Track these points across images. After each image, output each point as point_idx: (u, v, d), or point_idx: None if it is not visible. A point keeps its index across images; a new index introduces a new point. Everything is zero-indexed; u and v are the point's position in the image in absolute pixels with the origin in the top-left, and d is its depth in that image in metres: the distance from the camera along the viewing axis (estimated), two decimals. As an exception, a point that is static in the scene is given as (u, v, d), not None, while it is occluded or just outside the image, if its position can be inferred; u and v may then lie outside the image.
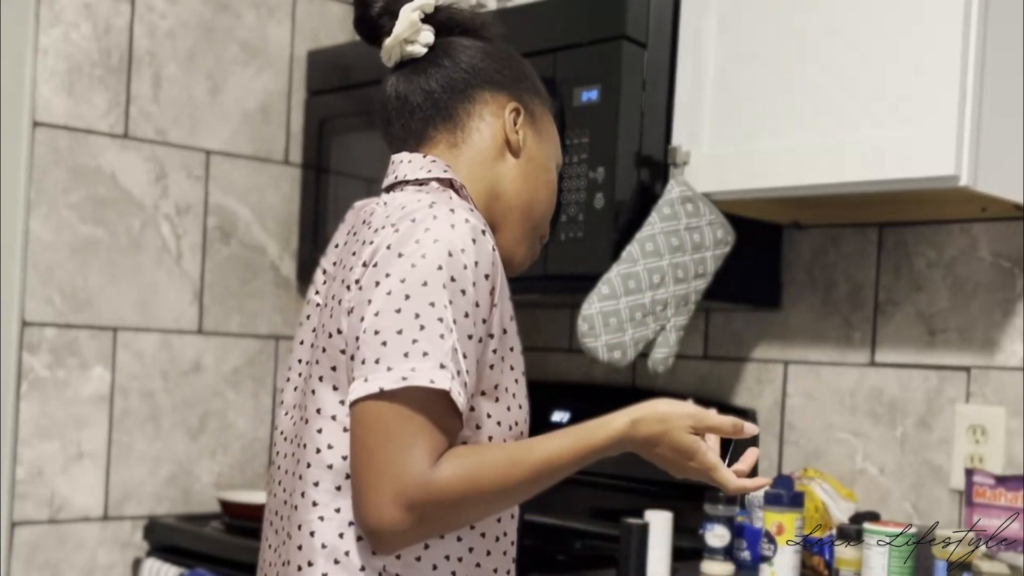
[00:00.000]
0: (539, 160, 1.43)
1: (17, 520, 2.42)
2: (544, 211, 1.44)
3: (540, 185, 1.43)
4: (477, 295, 1.22)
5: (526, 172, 1.42)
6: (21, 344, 2.41)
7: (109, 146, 2.52)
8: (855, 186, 1.89)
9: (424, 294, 1.18)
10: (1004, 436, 2.06)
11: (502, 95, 1.41)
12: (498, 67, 1.42)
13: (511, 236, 1.42)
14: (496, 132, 1.40)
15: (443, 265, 1.19)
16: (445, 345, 1.17)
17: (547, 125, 1.47)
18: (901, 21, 1.85)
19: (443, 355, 1.17)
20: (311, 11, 2.84)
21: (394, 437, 1.16)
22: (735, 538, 2.14)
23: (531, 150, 1.42)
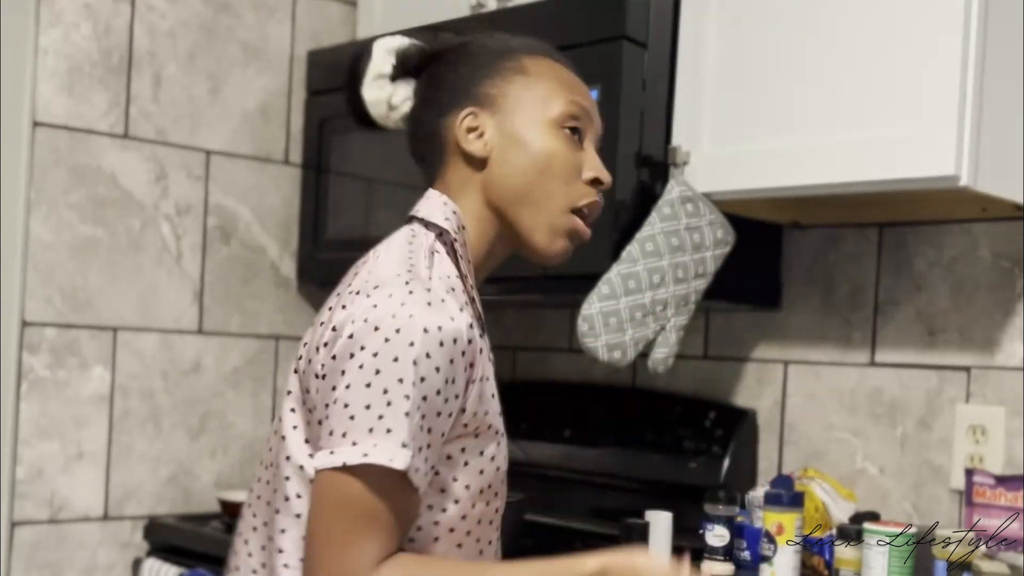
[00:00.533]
0: (515, 140, 1.34)
1: (17, 520, 2.42)
2: (543, 183, 1.34)
3: (525, 164, 1.33)
4: (453, 372, 1.22)
5: (505, 164, 1.34)
6: (21, 344, 2.41)
7: (109, 146, 2.52)
8: (855, 186, 1.89)
9: (394, 370, 1.19)
10: (1004, 436, 2.06)
11: (455, 112, 1.36)
12: (450, 86, 1.37)
13: (525, 231, 1.35)
14: (463, 150, 1.36)
15: (415, 341, 1.19)
16: (409, 424, 1.18)
17: (520, 91, 1.35)
18: (901, 21, 1.85)
19: (407, 434, 1.18)
20: (311, 11, 2.84)
21: (347, 520, 1.18)
22: (735, 538, 2.14)
23: (499, 139, 1.34)
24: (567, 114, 1.35)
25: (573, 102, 1.36)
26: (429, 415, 1.20)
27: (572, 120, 1.35)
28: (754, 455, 2.38)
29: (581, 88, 1.39)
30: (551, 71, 1.37)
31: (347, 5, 2.89)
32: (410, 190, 2.44)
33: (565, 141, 1.34)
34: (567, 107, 1.35)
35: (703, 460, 2.32)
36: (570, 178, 1.34)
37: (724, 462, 2.30)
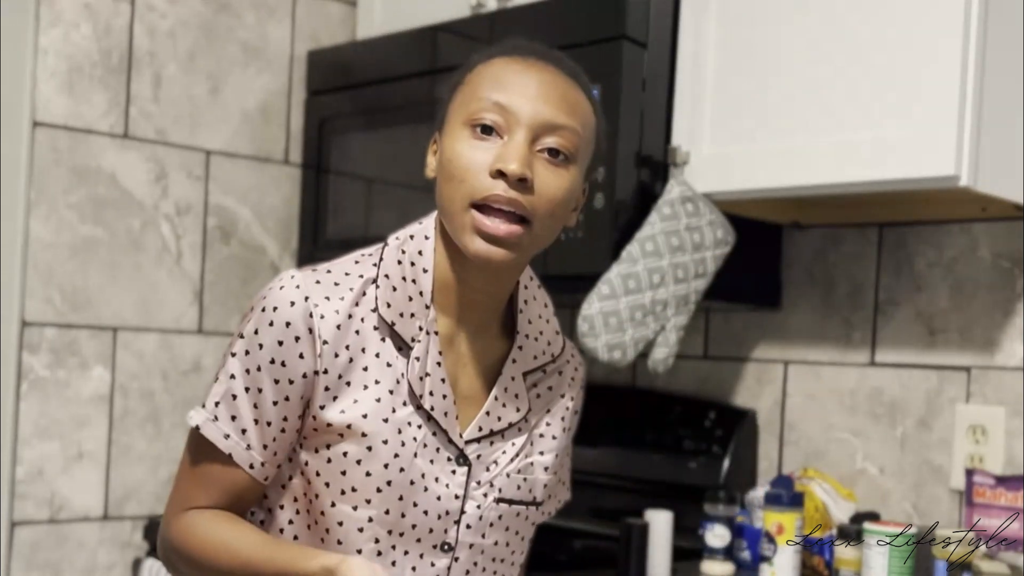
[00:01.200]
0: (443, 154, 1.29)
1: (17, 520, 2.42)
2: (446, 188, 1.27)
3: (442, 173, 1.28)
4: (282, 354, 1.27)
5: (438, 182, 1.30)
6: (21, 344, 2.41)
7: (109, 146, 2.52)
8: (855, 186, 1.89)
9: (235, 344, 1.30)
10: (1004, 436, 2.06)
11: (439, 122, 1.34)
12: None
13: (454, 241, 1.29)
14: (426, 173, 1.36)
15: (251, 320, 1.29)
16: (219, 389, 1.30)
17: (453, 107, 1.30)
18: (901, 21, 1.85)
19: (209, 397, 1.31)
20: (311, 11, 2.84)
21: (181, 467, 1.38)
22: (735, 538, 2.14)
23: (439, 158, 1.31)
24: (474, 112, 1.26)
25: (485, 99, 1.25)
26: (251, 389, 1.28)
27: (479, 117, 1.25)
28: (754, 455, 2.38)
29: (509, 81, 1.27)
30: (486, 74, 1.28)
31: (347, 5, 2.89)
32: (410, 190, 2.44)
33: (469, 140, 1.25)
34: (476, 105, 1.26)
35: (703, 460, 2.32)
36: (468, 176, 1.24)
37: (724, 462, 2.30)
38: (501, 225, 1.24)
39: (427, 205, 1.36)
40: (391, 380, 1.29)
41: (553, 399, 1.42)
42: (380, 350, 1.29)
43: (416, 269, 1.31)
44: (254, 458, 1.30)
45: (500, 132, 1.25)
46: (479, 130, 1.25)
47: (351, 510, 1.29)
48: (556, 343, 1.43)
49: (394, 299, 1.30)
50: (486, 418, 1.34)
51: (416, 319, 1.30)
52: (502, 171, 1.23)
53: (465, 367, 1.34)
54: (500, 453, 1.35)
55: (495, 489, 1.34)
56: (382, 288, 1.30)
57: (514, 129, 1.25)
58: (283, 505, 1.33)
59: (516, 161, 1.23)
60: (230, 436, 1.29)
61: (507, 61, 1.29)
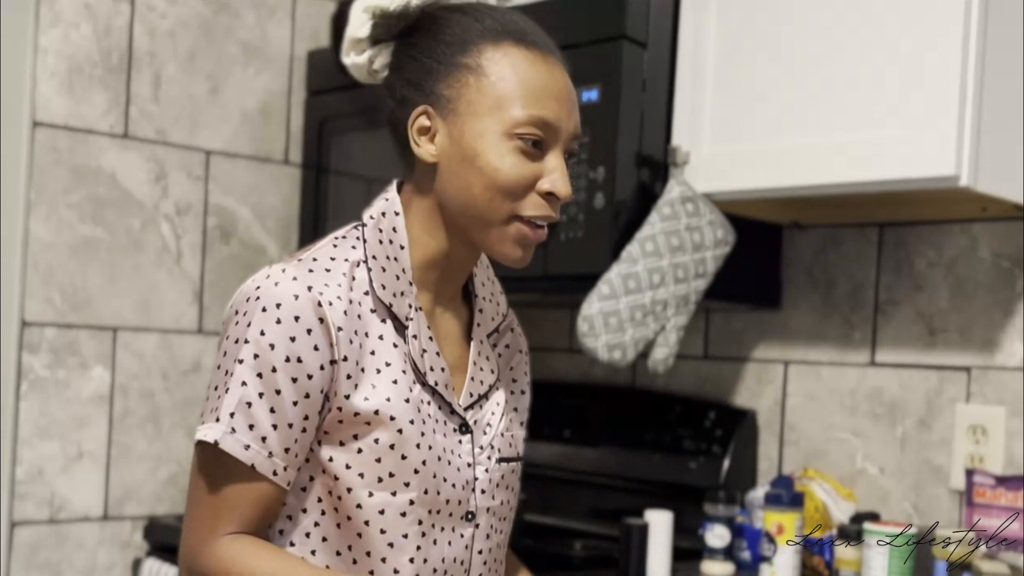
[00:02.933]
0: (464, 150, 1.27)
1: (17, 520, 2.42)
2: (488, 198, 1.26)
3: (470, 176, 1.27)
4: (296, 350, 1.24)
5: (452, 175, 1.28)
6: (21, 344, 2.41)
7: (109, 146, 2.52)
8: (855, 186, 1.90)
9: (232, 351, 1.25)
10: (1004, 436, 2.06)
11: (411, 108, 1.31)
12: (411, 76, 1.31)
13: (479, 239, 1.30)
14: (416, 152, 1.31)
15: (252, 322, 1.24)
16: (228, 399, 1.24)
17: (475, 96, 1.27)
18: (901, 21, 1.85)
19: (225, 410, 1.24)
20: (311, 11, 2.84)
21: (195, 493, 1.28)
22: (735, 538, 2.14)
23: (449, 147, 1.28)
24: (523, 125, 1.26)
25: (531, 116, 1.25)
26: (267, 393, 1.23)
27: (529, 132, 1.26)
28: (754, 455, 2.38)
29: (547, 90, 1.28)
30: (513, 70, 1.27)
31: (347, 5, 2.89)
32: (410, 190, 2.44)
33: (517, 155, 1.26)
34: (524, 119, 1.25)
35: (703, 460, 2.32)
36: (519, 193, 1.27)
37: (724, 462, 2.30)
38: (539, 232, 1.30)
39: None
40: (399, 360, 1.30)
41: (512, 355, 1.48)
42: (383, 332, 1.29)
43: (395, 247, 1.32)
44: (276, 464, 1.25)
45: (543, 146, 1.28)
46: (529, 145, 1.26)
47: (391, 496, 1.28)
48: (503, 301, 1.48)
49: (385, 279, 1.31)
50: (472, 383, 1.37)
51: (406, 297, 1.32)
52: (554, 194, 1.28)
53: (446, 338, 1.37)
54: (490, 415, 1.38)
55: (495, 450, 1.38)
56: (374, 269, 1.30)
57: (554, 144, 1.29)
58: (305, 509, 1.30)
59: (567, 185, 1.28)
60: (250, 447, 1.24)
61: (529, 56, 1.29)
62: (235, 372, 1.24)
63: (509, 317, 1.48)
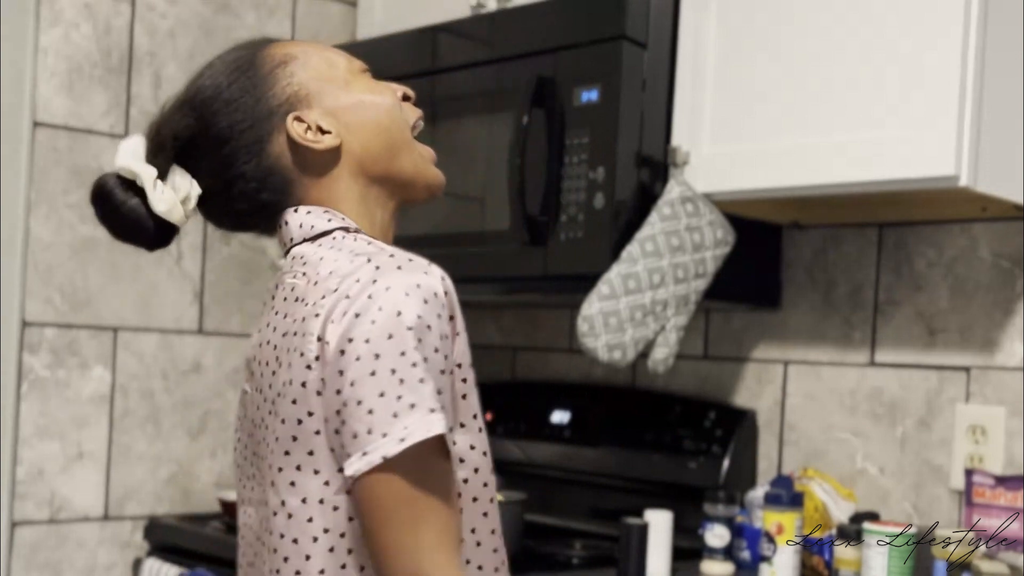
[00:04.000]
0: (347, 108, 1.30)
1: (17, 520, 2.42)
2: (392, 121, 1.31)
3: (372, 117, 1.31)
4: (441, 328, 1.17)
5: (358, 134, 1.30)
6: (21, 344, 2.41)
7: (109, 146, 2.52)
8: (855, 186, 1.90)
9: (392, 346, 1.13)
10: (1004, 436, 2.06)
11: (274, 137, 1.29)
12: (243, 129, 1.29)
13: (410, 177, 1.32)
14: (316, 152, 1.29)
15: (402, 310, 1.14)
16: (426, 389, 1.13)
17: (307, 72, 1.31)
18: (901, 21, 1.85)
19: (430, 400, 1.13)
20: (311, 11, 2.84)
21: (413, 519, 1.12)
22: (735, 538, 2.14)
23: (334, 119, 1.29)
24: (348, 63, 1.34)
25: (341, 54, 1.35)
26: (436, 377, 1.15)
27: (356, 65, 1.35)
28: (754, 455, 2.38)
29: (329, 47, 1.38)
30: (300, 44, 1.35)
31: (347, 5, 2.89)
32: (410, 190, 2.44)
33: (367, 79, 1.34)
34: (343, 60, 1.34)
35: (703, 460, 2.32)
36: (397, 104, 1.33)
37: (724, 462, 2.30)
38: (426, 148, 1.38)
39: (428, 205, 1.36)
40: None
41: None
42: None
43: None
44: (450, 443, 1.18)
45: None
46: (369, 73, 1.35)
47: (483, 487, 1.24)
48: None
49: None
50: None
51: None
52: (407, 95, 1.37)
53: None
54: None
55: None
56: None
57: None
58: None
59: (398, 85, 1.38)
60: (452, 430, 1.17)
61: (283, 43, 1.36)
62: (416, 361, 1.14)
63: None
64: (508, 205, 2.15)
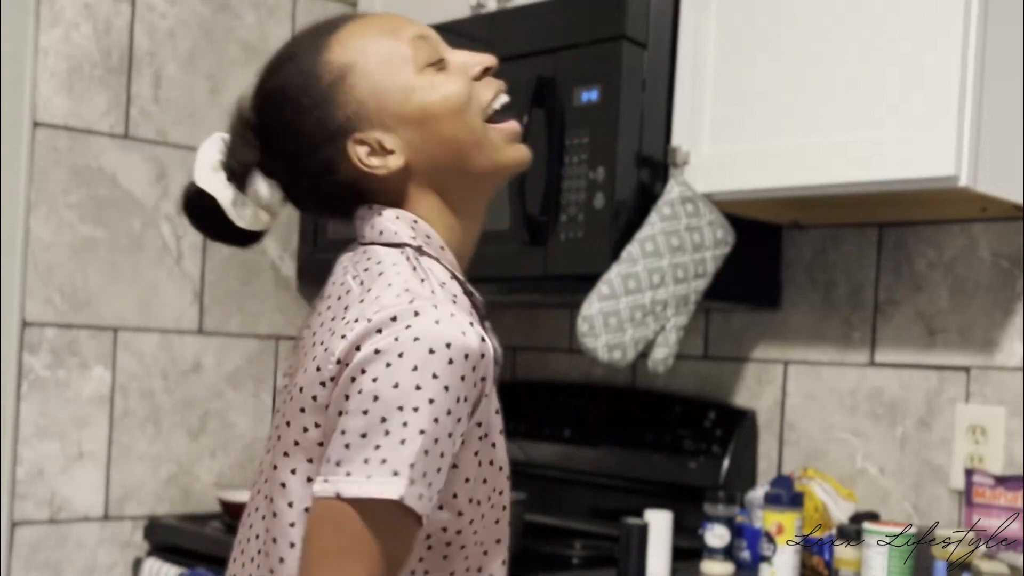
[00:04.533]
0: (407, 122, 1.24)
1: (17, 520, 2.42)
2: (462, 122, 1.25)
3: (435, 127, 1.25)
4: (464, 390, 1.14)
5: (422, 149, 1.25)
6: (21, 344, 2.41)
7: (109, 146, 2.52)
8: (855, 186, 1.90)
9: (394, 397, 1.12)
10: (1004, 436, 2.06)
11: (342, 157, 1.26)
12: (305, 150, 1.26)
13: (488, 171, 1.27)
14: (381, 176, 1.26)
15: (419, 365, 1.12)
16: (406, 451, 1.11)
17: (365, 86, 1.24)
18: (901, 21, 1.85)
19: (401, 462, 1.11)
20: (311, 11, 2.84)
21: (340, 549, 1.13)
22: (735, 538, 2.14)
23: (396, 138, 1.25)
24: (415, 54, 1.25)
25: (408, 40, 1.25)
26: (442, 438, 1.13)
27: (422, 53, 1.25)
28: (754, 455, 2.38)
29: (389, 23, 1.27)
30: (360, 39, 1.25)
31: (347, 5, 2.89)
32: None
33: (438, 76, 1.25)
34: (409, 49, 1.25)
35: (703, 460, 2.32)
36: (467, 97, 1.25)
37: (724, 462, 2.30)
38: (512, 122, 1.30)
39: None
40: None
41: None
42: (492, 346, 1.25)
43: (447, 254, 1.28)
44: (428, 507, 1.16)
45: (439, 56, 1.27)
46: (437, 64, 1.25)
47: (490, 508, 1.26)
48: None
49: (465, 285, 1.28)
50: None
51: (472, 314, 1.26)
52: (484, 68, 1.28)
53: None
54: None
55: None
56: (458, 278, 1.27)
57: (440, 47, 1.28)
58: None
59: (482, 55, 1.28)
60: (423, 496, 1.13)
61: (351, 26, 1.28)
62: (407, 420, 1.12)
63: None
64: (508, 205, 2.15)
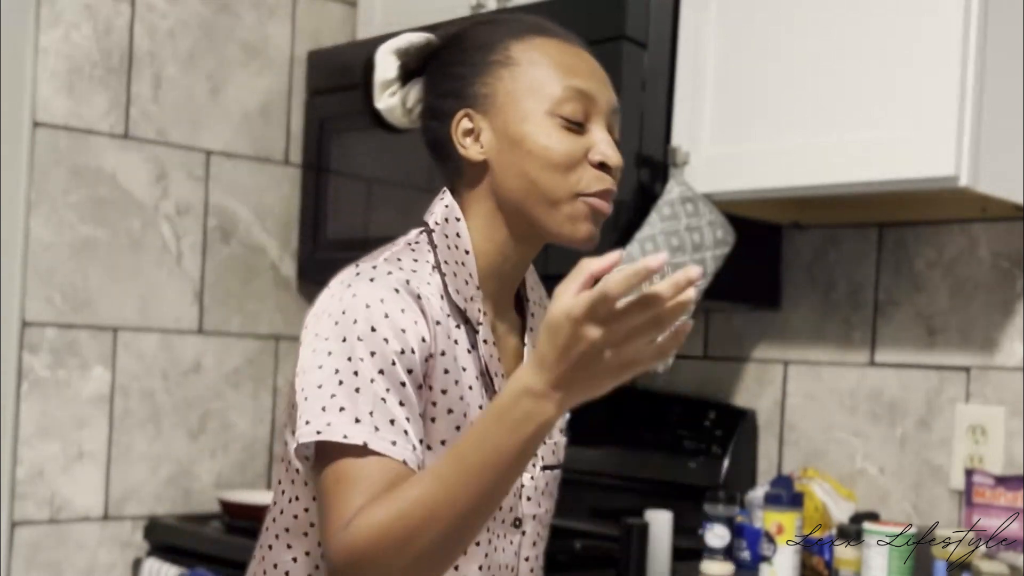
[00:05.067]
0: (510, 138, 1.29)
1: (17, 520, 2.42)
2: (546, 177, 1.27)
3: (523, 161, 1.28)
4: (403, 343, 1.21)
5: (504, 165, 1.29)
6: (21, 344, 2.41)
7: (109, 146, 2.52)
8: (855, 186, 1.90)
9: (342, 350, 1.20)
10: (1004, 436, 2.06)
11: (452, 117, 1.32)
12: (444, 90, 1.33)
13: (547, 223, 1.30)
14: (457, 149, 1.32)
15: (358, 318, 1.20)
16: (363, 398, 1.19)
17: (509, 86, 1.29)
18: (901, 21, 1.85)
19: (360, 409, 1.18)
20: (311, 11, 2.84)
21: (330, 486, 1.19)
22: (735, 538, 2.14)
23: (495, 140, 1.29)
24: (561, 101, 1.28)
25: (568, 87, 1.29)
26: (394, 388, 1.20)
27: (568, 106, 1.28)
28: (754, 455, 2.38)
29: (579, 67, 1.31)
30: (542, 54, 1.30)
31: (347, 5, 2.89)
32: (410, 190, 2.44)
33: (561, 131, 1.28)
34: (561, 93, 1.28)
35: (703, 460, 2.32)
36: (572, 167, 1.28)
37: (724, 462, 2.30)
38: (602, 203, 1.31)
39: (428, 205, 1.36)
40: (473, 366, 1.29)
41: None
42: (458, 337, 1.28)
43: (460, 252, 1.31)
44: (419, 457, 1.21)
45: (585, 117, 1.30)
46: (571, 122, 1.29)
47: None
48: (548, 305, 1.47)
49: (458, 285, 1.30)
50: None
51: (475, 302, 1.31)
52: (606, 164, 1.29)
53: (502, 343, 1.36)
54: None
55: (540, 458, 1.38)
56: (447, 275, 1.29)
57: (595, 117, 1.31)
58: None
59: (617, 153, 1.30)
60: (396, 442, 1.19)
61: (555, 42, 1.33)
62: (357, 370, 1.19)
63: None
64: (508, 205, 2.14)
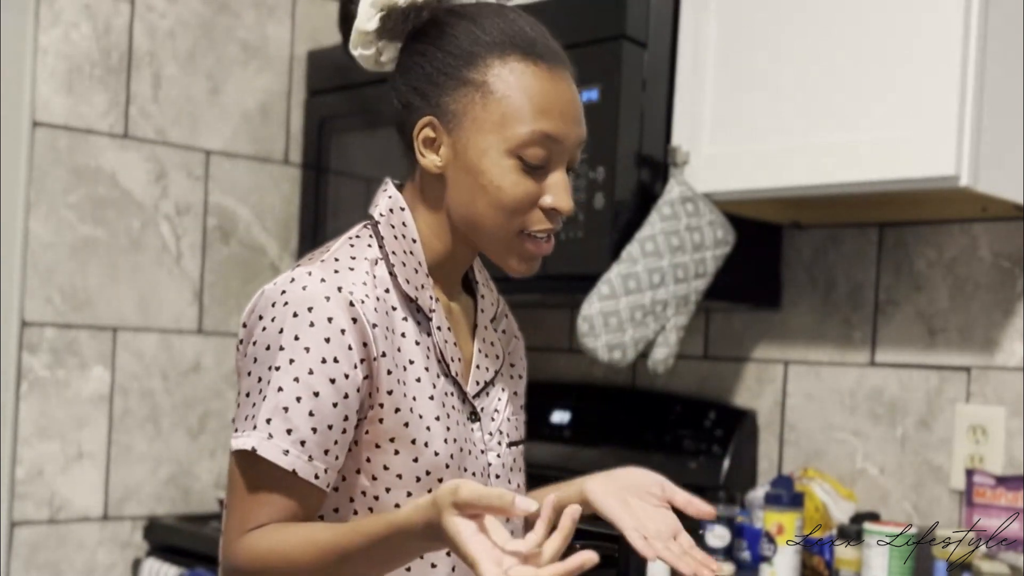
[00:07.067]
0: (467, 165, 1.28)
1: (17, 520, 2.42)
2: (492, 215, 1.28)
3: (474, 190, 1.28)
4: (331, 351, 1.22)
5: (455, 187, 1.29)
6: (21, 344, 2.41)
7: (109, 146, 2.52)
8: (855, 186, 1.90)
9: (265, 357, 1.24)
10: (1004, 436, 2.06)
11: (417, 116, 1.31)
12: (417, 83, 1.31)
13: (485, 250, 1.33)
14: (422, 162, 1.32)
15: (284, 327, 1.23)
16: (266, 405, 1.22)
17: (479, 113, 1.27)
18: (901, 21, 1.85)
19: (259, 416, 1.22)
20: (311, 11, 2.84)
21: (233, 494, 1.26)
22: (735, 538, 2.14)
23: (452, 159, 1.29)
24: (526, 145, 1.26)
25: (535, 132, 1.26)
26: (304, 397, 1.22)
27: (531, 150, 1.27)
28: (754, 455, 2.38)
29: (553, 106, 1.28)
30: (519, 88, 1.27)
31: (347, 5, 2.89)
32: (410, 190, 2.44)
33: (519, 173, 1.27)
34: (527, 136, 1.26)
35: (703, 460, 2.32)
36: (521, 210, 1.28)
37: (724, 462, 2.30)
38: (544, 245, 1.32)
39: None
40: (422, 357, 1.30)
41: (508, 340, 1.50)
42: (404, 329, 1.30)
43: (407, 242, 1.33)
44: (318, 468, 1.23)
45: (547, 161, 1.29)
46: (530, 165, 1.28)
47: (428, 494, 1.26)
48: (494, 288, 1.50)
49: (408, 273, 1.31)
50: (478, 371, 1.38)
51: (426, 290, 1.32)
52: (557, 210, 1.30)
53: (455, 327, 1.38)
54: (496, 401, 1.39)
55: (504, 435, 1.39)
56: (396, 264, 1.31)
57: (557, 159, 1.30)
58: (337, 509, 1.29)
59: (569, 200, 1.30)
60: (289, 451, 1.22)
61: (536, 71, 1.29)
62: (271, 378, 1.22)
63: (502, 303, 1.51)
64: (508, 205, 2.15)
